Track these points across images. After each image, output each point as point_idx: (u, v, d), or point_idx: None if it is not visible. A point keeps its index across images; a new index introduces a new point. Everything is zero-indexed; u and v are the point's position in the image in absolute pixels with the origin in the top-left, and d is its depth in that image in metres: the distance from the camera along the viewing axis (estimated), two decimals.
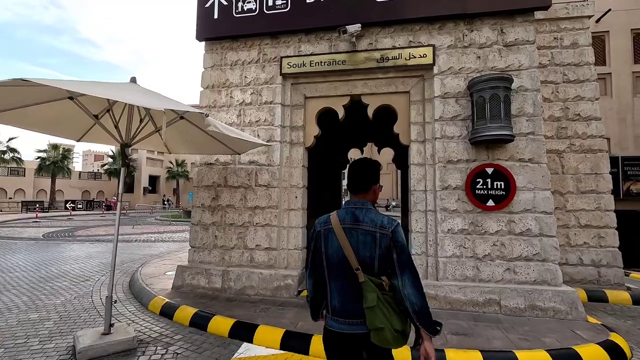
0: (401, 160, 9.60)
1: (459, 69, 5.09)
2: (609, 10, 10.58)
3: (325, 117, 5.98)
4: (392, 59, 5.29)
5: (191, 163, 39.13)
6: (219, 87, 5.92)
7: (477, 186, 4.85)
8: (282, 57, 5.67)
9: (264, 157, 5.60)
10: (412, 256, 5.10)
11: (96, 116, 3.73)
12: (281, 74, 5.65)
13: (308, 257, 1.93)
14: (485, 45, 5.05)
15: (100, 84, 3.43)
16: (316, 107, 5.76)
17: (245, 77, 5.82)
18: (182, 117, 4.19)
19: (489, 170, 4.85)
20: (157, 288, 5.59)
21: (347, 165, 2.32)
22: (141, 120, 3.94)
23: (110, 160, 39.05)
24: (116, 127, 3.90)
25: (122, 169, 3.86)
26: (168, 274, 6.49)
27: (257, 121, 5.69)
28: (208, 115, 3.16)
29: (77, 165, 78.15)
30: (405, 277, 1.65)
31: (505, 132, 4.54)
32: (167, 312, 4.70)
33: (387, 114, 5.81)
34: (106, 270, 7.36)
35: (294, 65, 5.61)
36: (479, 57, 5.05)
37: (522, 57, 4.93)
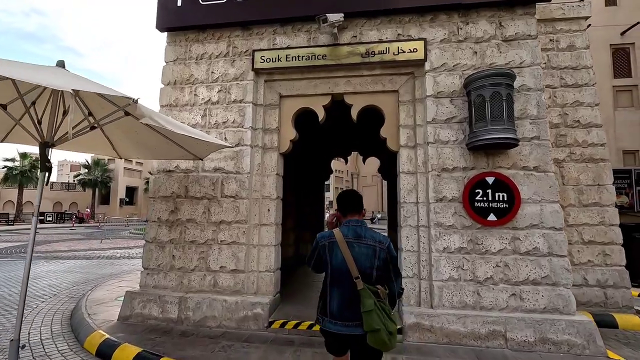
0: (388, 169, 8.99)
1: (454, 66, 4.51)
2: (638, 23, 10.49)
3: (304, 119, 5.29)
4: (378, 53, 4.67)
5: None
6: (181, 84, 5.16)
7: (477, 198, 4.22)
8: (254, 51, 4.98)
9: (231, 163, 4.84)
10: (403, 279, 4.41)
11: (4, 106, 2.91)
12: (253, 69, 4.95)
13: (311, 260, 2.31)
14: (483, 39, 4.50)
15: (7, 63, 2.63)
16: (293, 107, 5.06)
17: (213, 72, 5.10)
18: (127, 113, 3.40)
19: (490, 180, 4.22)
20: (100, 319, 4.67)
21: (338, 195, 2.55)
22: (65, 112, 3.13)
23: (85, 170, 37.24)
24: (38, 122, 3.09)
25: (41, 175, 3.04)
26: (119, 299, 5.55)
27: (224, 122, 4.95)
28: (137, 101, 2.41)
29: (51, 175, 74.84)
30: (399, 281, 2.21)
31: (509, 136, 3.94)
32: (104, 351, 3.80)
33: (373, 117, 5.18)
34: (52, 294, 6.35)
35: (268, 60, 4.92)
36: (476, 52, 4.49)
37: (523, 53, 4.39)
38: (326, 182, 10.74)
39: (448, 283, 4.16)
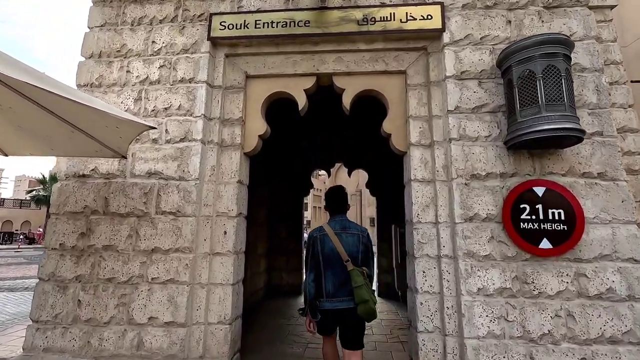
0: (378, 183, 7.74)
1: (482, 38, 3.35)
2: None
3: (278, 109, 3.98)
4: (380, 20, 3.46)
5: None
6: (109, 57, 3.73)
7: (522, 216, 2.97)
8: (212, 14, 3.66)
9: (173, 165, 3.39)
10: (419, 333, 3.04)
11: None
12: (210, 38, 3.61)
13: (307, 259, 2.69)
14: (519, 5, 3.38)
15: None
16: (264, 91, 3.73)
17: (154, 42, 3.71)
18: None
19: (539, 191, 3.00)
20: None
21: (326, 191, 2.85)
22: None
23: (40, 185, 34.05)
24: None
25: None
26: None
27: (166, 108, 3.53)
28: None
29: (5, 191, 69.44)
30: (372, 266, 2.69)
31: (573, 126, 2.74)
32: None
33: (369, 106, 3.92)
34: None
35: (231, 27, 3.60)
36: (510, 21, 3.36)
37: (573, 23, 3.30)
38: (305, 199, 9.35)
39: (487, 341, 2.82)
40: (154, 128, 2.77)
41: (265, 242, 7.50)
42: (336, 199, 2.81)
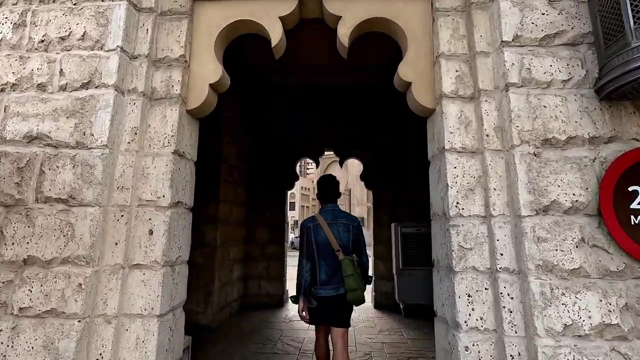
0: (377, 171, 6.56)
1: None
2: None
3: (233, 48, 2.74)
4: None
5: None
6: None
7: (633, 204, 1.82)
8: None
9: (68, 125, 2.12)
10: None
11: None
12: None
13: (302, 248, 2.73)
14: None
15: None
16: (220, 20, 2.48)
17: None
18: None
19: None
20: None
21: (318, 180, 2.86)
22: None
23: None
24: None
25: None
26: None
27: (63, 38, 2.25)
28: None
29: None
30: (364, 253, 2.77)
31: None
32: None
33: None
34: None
35: None
36: None
37: None
38: (291, 201, 8.09)
39: None
40: None
41: (240, 245, 6.24)
42: (328, 188, 2.88)
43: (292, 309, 6.10)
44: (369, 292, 6.76)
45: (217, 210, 5.17)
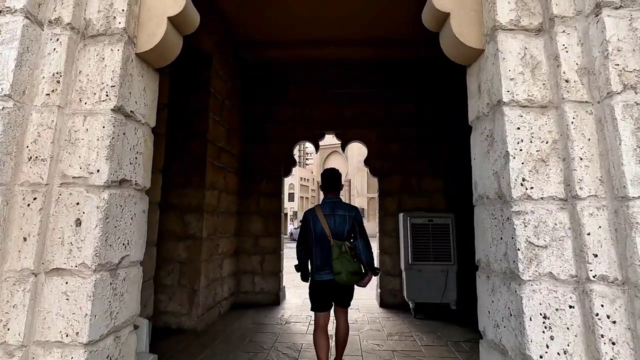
0: (384, 155, 5.92)
1: None
2: None
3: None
4: None
5: None
6: None
7: None
8: None
9: None
10: None
11: None
12: None
13: (300, 234, 3.06)
14: None
15: None
16: None
17: None
18: None
19: None
20: None
21: (322, 172, 3.14)
22: None
23: None
24: None
25: None
26: None
27: None
28: None
29: None
30: (362, 241, 2.88)
31: None
32: None
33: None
34: None
35: None
36: None
37: None
38: (290, 192, 7.43)
39: None
40: None
41: (231, 237, 5.62)
42: (330, 180, 3.06)
43: (288, 308, 5.52)
44: (373, 288, 6.19)
45: (202, 198, 4.53)
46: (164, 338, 3.97)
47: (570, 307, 1.29)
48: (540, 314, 1.28)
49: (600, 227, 1.29)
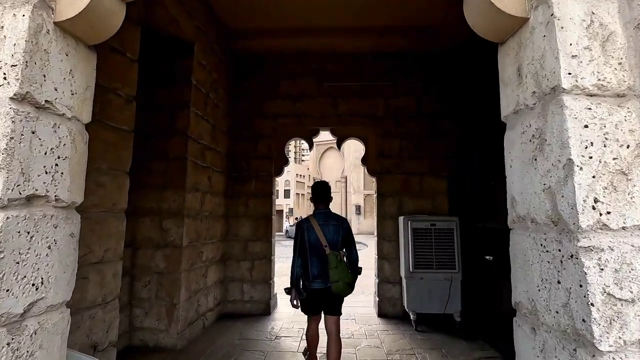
0: (378, 151, 5.49)
1: None
2: None
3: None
4: None
5: None
6: None
7: None
8: None
9: None
10: None
11: None
12: None
13: (295, 245, 3.05)
14: None
15: None
16: None
17: None
18: None
19: None
20: None
21: (312, 185, 3.35)
22: None
23: None
24: None
25: None
26: None
27: None
28: None
29: None
30: (353, 249, 3.10)
31: None
32: None
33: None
34: None
35: None
36: None
37: None
38: (286, 188, 6.97)
39: None
40: None
41: (218, 242, 5.18)
42: (320, 192, 3.20)
43: (279, 319, 5.10)
44: (371, 296, 5.79)
45: (183, 201, 4.09)
46: (139, 357, 3.54)
47: None
48: None
49: None
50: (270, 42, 5.39)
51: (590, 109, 1.01)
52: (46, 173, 1.22)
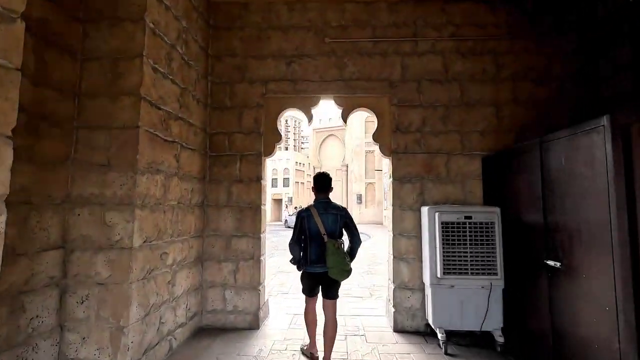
0: (395, 124, 4.35)
1: None
2: None
3: None
4: None
5: None
6: None
7: None
8: None
9: None
10: None
11: None
12: None
13: (294, 232, 3.29)
14: None
15: None
16: None
17: None
18: None
19: None
20: None
21: (314, 176, 3.45)
22: None
23: None
24: None
25: None
26: None
27: None
28: None
29: None
30: (356, 237, 3.27)
31: None
32: None
33: None
34: None
35: None
36: None
37: None
38: (285, 177, 5.83)
39: None
40: None
41: (190, 239, 4.08)
42: (322, 182, 3.38)
43: (270, 335, 4.05)
44: (381, 302, 4.74)
45: (133, 186, 2.97)
46: None
47: None
48: None
49: None
50: None
51: None
52: None
